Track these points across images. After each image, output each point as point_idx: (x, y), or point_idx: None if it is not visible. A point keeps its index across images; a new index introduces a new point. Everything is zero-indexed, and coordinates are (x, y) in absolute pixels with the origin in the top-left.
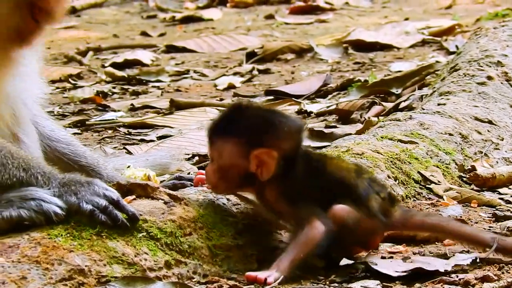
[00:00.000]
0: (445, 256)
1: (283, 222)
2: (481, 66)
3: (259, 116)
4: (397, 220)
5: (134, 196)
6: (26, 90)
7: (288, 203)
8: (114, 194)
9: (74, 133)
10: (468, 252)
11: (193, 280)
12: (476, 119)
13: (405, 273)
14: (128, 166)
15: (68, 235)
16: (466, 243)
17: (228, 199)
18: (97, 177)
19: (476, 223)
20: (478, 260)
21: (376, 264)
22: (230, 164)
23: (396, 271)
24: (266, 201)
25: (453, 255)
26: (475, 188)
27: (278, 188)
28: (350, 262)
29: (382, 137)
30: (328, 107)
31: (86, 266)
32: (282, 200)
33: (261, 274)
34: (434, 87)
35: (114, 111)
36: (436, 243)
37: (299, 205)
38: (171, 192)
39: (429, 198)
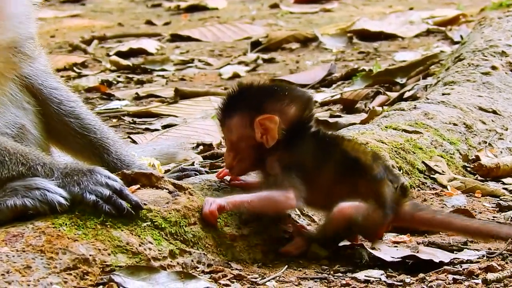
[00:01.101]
0: (449, 246)
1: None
2: (486, 56)
3: (260, 88)
4: (406, 213)
5: (138, 186)
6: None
7: (282, 169)
8: (117, 183)
9: None
10: (472, 243)
11: (198, 269)
12: (481, 109)
13: (408, 260)
14: (133, 155)
15: (73, 224)
16: (478, 238)
17: (232, 189)
18: (105, 154)
19: (480, 213)
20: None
21: (380, 250)
22: (238, 137)
23: (398, 257)
24: (266, 172)
25: (458, 245)
26: (479, 178)
27: (280, 156)
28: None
29: (386, 127)
30: (332, 96)
31: (90, 255)
32: (278, 165)
33: (216, 204)
34: (439, 77)
35: (119, 100)
36: (440, 233)
37: (289, 173)
38: (175, 181)
39: (433, 188)
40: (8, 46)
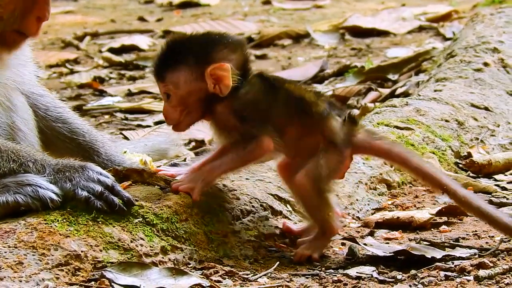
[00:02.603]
0: (441, 243)
1: (230, 141)
2: (478, 53)
3: (198, 39)
4: (361, 141)
5: (130, 182)
6: (20, 73)
7: (240, 119)
8: (109, 179)
9: None
10: (464, 239)
11: (189, 265)
12: (472, 105)
13: (399, 257)
14: (125, 152)
15: (64, 220)
16: (423, 180)
17: (224, 185)
18: (95, 156)
19: None
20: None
21: (372, 246)
22: (189, 91)
23: (390, 252)
24: (219, 121)
25: (449, 242)
26: (471, 174)
27: (232, 104)
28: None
29: (378, 123)
30: (324, 93)
31: (82, 251)
32: (234, 116)
33: (185, 186)
34: (431, 74)
35: (111, 96)
36: (432, 229)
37: (251, 122)
38: (167, 177)
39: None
40: None
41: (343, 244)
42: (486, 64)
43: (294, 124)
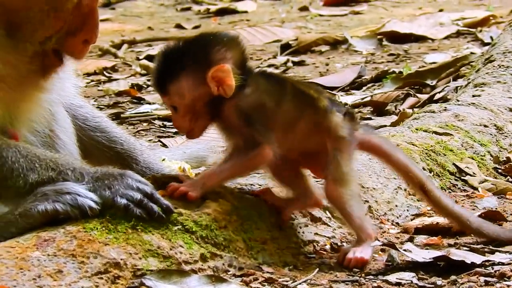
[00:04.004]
0: (481, 249)
1: (233, 142)
2: None
3: (193, 44)
4: (359, 137)
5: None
6: (61, 85)
7: (246, 120)
8: (148, 187)
9: None
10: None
11: (229, 273)
12: (511, 110)
13: (439, 262)
14: (163, 159)
15: (104, 228)
16: (400, 174)
17: None
18: (133, 164)
19: None
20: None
21: (411, 252)
22: (194, 98)
23: (429, 258)
24: (225, 122)
25: (489, 248)
26: (510, 179)
27: (236, 102)
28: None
29: (417, 129)
30: (362, 99)
31: (121, 259)
32: (239, 114)
33: (185, 188)
34: (469, 79)
35: (149, 103)
36: (471, 235)
37: (255, 126)
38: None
39: (464, 190)
40: None
41: (382, 250)
42: None
43: (303, 118)
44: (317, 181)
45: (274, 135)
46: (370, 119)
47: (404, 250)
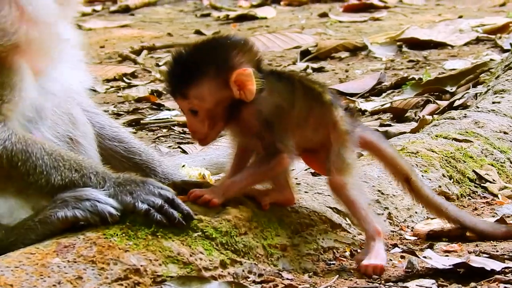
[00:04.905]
0: (501, 255)
1: (253, 147)
2: None
3: (209, 48)
4: (358, 132)
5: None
6: (78, 89)
7: (266, 125)
8: (169, 192)
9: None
10: None
11: (249, 279)
12: None
13: (459, 269)
14: (183, 165)
15: (124, 234)
16: (387, 167)
17: None
18: (152, 174)
19: None
20: None
21: (431, 258)
22: (216, 102)
23: (449, 265)
24: (243, 127)
25: (509, 254)
26: None
27: (256, 106)
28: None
29: (436, 136)
30: (382, 105)
31: (141, 265)
32: (259, 118)
33: (208, 195)
34: (489, 85)
35: (169, 110)
36: (491, 241)
37: (275, 131)
38: None
39: (484, 197)
40: None
41: (402, 257)
42: None
43: (313, 114)
44: (319, 178)
45: (292, 139)
46: (389, 125)
47: (424, 257)
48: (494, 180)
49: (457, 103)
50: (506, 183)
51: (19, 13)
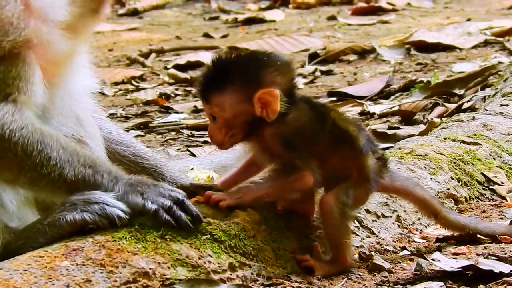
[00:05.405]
0: (509, 258)
1: (274, 165)
2: None
3: (246, 60)
4: (385, 183)
5: (195, 198)
6: (87, 93)
7: (287, 146)
8: (180, 194)
9: (137, 135)
10: None
11: (257, 282)
12: None
13: (467, 272)
14: (192, 168)
15: (132, 237)
16: (415, 206)
17: None
18: (160, 178)
19: None
20: None
21: (439, 261)
22: (235, 114)
23: (458, 267)
24: (264, 145)
25: None
26: None
27: (278, 128)
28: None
29: (445, 138)
30: (391, 108)
31: (150, 268)
32: (280, 139)
33: (219, 197)
34: (497, 88)
35: (177, 113)
36: (500, 244)
37: (296, 152)
38: None
39: (493, 199)
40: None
41: (411, 259)
42: None
43: (337, 154)
44: None
45: (314, 162)
46: (398, 128)
47: (433, 259)
48: (502, 183)
49: (465, 105)
50: None
51: (25, 9)
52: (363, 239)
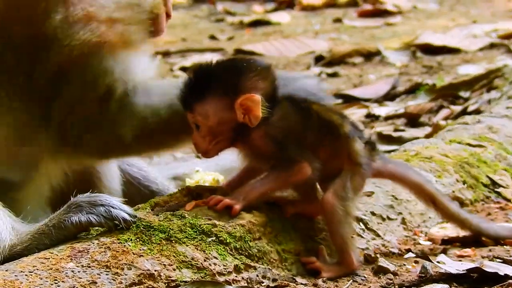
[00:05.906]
0: None
1: (268, 166)
2: None
3: (226, 67)
4: (378, 166)
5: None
6: None
7: (276, 144)
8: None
9: None
10: None
11: (263, 284)
12: None
13: (472, 274)
14: (197, 170)
15: (138, 239)
16: (413, 192)
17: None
18: None
19: None
20: None
21: (444, 263)
22: (218, 121)
23: (463, 270)
24: (254, 149)
25: None
26: None
27: (265, 130)
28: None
29: (450, 141)
30: (396, 110)
31: (155, 270)
32: (270, 141)
33: (228, 201)
34: (503, 91)
35: None
36: (505, 246)
37: (289, 148)
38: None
39: (498, 202)
40: None
41: (416, 262)
42: None
43: (325, 146)
44: None
45: (310, 152)
46: (403, 130)
47: (438, 261)
48: (507, 185)
49: (471, 108)
50: None
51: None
52: (369, 241)
